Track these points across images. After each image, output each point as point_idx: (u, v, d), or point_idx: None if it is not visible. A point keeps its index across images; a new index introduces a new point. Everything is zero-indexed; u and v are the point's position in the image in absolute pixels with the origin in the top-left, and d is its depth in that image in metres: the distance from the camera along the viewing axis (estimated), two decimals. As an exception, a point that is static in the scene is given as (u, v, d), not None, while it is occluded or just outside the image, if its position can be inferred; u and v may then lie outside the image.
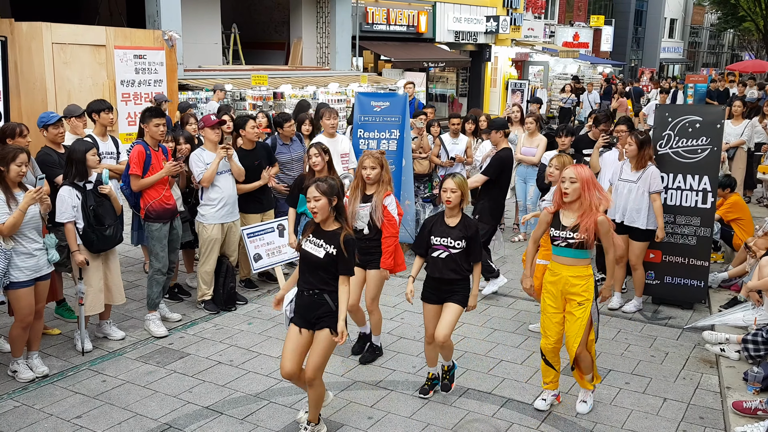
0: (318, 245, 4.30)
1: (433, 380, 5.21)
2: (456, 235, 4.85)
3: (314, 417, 4.55)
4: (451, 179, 4.88)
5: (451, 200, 4.84)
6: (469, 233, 4.86)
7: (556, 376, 5.03)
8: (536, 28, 30.42)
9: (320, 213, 4.28)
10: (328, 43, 17.54)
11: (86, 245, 5.59)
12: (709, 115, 6.84)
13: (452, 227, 4.88)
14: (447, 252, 4.86)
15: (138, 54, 10.46)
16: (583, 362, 4.91)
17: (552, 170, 5.94)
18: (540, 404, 5.05)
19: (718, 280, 7.50)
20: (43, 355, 5.62)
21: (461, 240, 4.84)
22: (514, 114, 10.19)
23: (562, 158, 5.96)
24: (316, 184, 4.29)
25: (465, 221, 4.92)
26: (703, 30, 58.03)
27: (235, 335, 6.27)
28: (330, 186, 4.29)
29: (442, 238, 4.88)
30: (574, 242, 4.68)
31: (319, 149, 6.04)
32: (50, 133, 6.12)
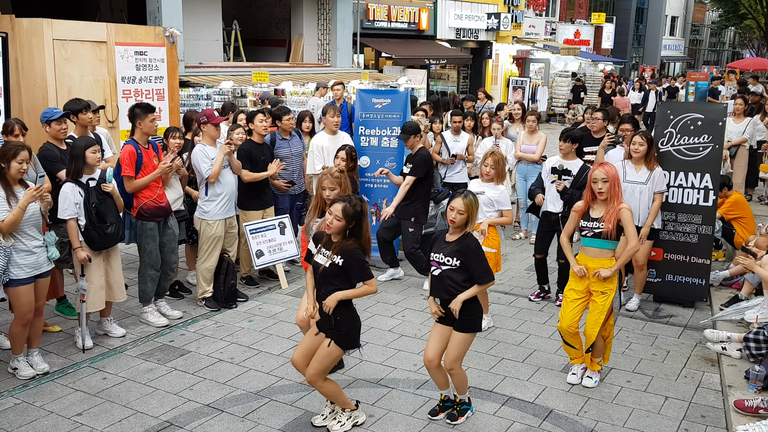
0: (325, 255, 4.41)
1: (445, 402, 4.89)
2: (449, 251, 4.55)
3: (343, 404, 4.64)
4: (461, 199, 4.56)
5: (455, 221, 4.56)
6: (465, 251, 4.53)
7: (578, 353, 5.33)
8: (537, 26, 30.38)
9: (333, 230, 4.35)
10: (329, 40, 17.52)
11: (88, 243, 5.58)
12: (711, 112, 6.82)
13: (449, 242, 4.61)
14: (439, 269, 4.59)
15: (139, 50, 10.43)
16: (597, 347, 5.29)
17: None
18: (572, 378, 5.40)
19: (719, 279, 7.49)
20: (44, 352, 5.62)
21: (453, 257, 4.52)
22: (515, 111, 10.19)
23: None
24: (344, 206, 4.31)
25: (463, 239, 4.58)
26: (704, 28, 57.95)
27: (236, 332, 6.27)
28: (355, 212, 4.32)
29: (436, 253, 4.63)
30: (600, 232, 5.08)
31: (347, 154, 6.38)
32: (53, 129, 6.10)
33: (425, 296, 7.30)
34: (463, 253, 4.52)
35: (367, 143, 8.29)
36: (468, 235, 4.60)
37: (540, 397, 5.16)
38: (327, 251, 4.42)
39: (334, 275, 4.36)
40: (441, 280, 4.58)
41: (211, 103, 11.96)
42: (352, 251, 4.34)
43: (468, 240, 4.57)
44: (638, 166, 6.61)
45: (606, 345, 5.40)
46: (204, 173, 6.50)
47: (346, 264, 4.32)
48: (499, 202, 6.19)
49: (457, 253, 4.52)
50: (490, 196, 6.17)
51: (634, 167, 6.64)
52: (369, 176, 8.22)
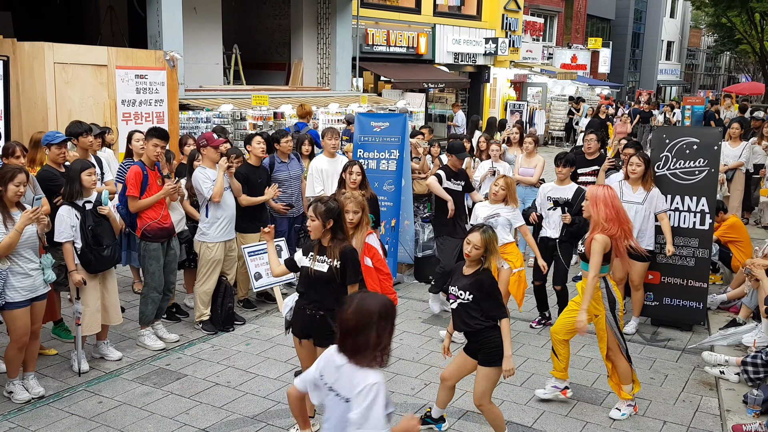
0: (323, 261, 4.46)
1: (426, 417, 4.94)
2: (463, 284, 4.55)
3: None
4: (479, 233, 4.52)
5: (470, 255, 4.53)
6: (478, 287, 4.49)
7: (559, 365, 5.35)
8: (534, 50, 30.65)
9: (314, 233, 4.48)
10: (328, 63, 17.65)
11: (84, 265, 5.58)
12: (707, 136, 6.87)
13: (464, 276, 4.60)
14: (456, 301, 4.60)
15: (139, 74, 10.52)
16: (619, 369, 5.20)
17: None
18: (539, 392, 5.40)
19: (716, 302, 7.48)
20: (40, 375, 5.59)
21: (467, 291, 4.52)
22: (513, 135, 10.24)
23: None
24: (315, 205, 4.45)
25: (478, 275, 4.53)
26: (699, 52, 58.45)
27: (233, 356, 6.24)
28: (328, 209, 4.43)
29: (453, 286, 4.64)
30: (581, 254, 5.19)
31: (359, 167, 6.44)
32: (52, 153, 6.13)
33: (423, 319, 7.30)
34: (477, 289, 4.50)
35: (366, 166, 8.31)
36: (483, 271, 4.57)
37: (538, 422, 5.13)
38: (324, 257, 4.46)
39: (331, 280, 4.42)
40: (459, 313, 4.60)
41: (210, 126, 12.01)
42: (350, 253, 4.46)
43: (482, 276, 4.53)
44: (635, 186, 6.67)
45: (630, 369, 5.21)
46: (206, 193, 6.52)
47: (343, 266, 4.41)
48: (515, 218, 6.45)
49: (471, 287, 4.52)
50: (506, 216, 6.39)
51: (632, 188, 6.69)
52: (367, 199, 8.24)
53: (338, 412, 2.90)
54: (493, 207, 6.46)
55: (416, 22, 22.10)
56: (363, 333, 2.84)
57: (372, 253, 5.15)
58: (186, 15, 13.52)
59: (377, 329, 2.85)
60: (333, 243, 4.48)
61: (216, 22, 15.67)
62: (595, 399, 5.52)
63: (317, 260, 4.50)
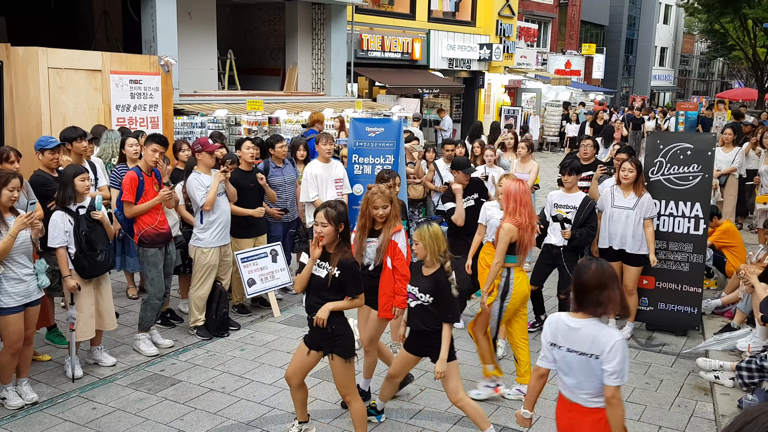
0: (322, 267, 4.42)
1: (371, 408, 5.12)
2: (424, 286, 4.57)
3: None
4: (417, 230, 4.57)
5: (417, 253, 4.57)
6: (436, 289, 4.53)
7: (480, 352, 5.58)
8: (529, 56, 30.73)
9: (326, 238, 4.37)
10: (323, 69, 17.65)
11: (78, 270, 5.56)
12: (700, 142, 6.90)
13: (424, 277, 4.60)
14: (415, 301, 4.63)
15: (134, 79, 10.50)
16: (480, 345, 5.55)
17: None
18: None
19: (711, 307, 7.50)
20: (33, 381, 5.56)
21: (427, 293, 4.55)
22: (507, 141, 10.26)
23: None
24: (325, 210, 4.35)
25: (437, 276, 4.56)
26: (693, 58, 58.78)
27: (228, 362, 6.22)
28: (338, 213, 4.36)
29: (413, 285, 4.66)
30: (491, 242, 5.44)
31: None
32: (45, 158, 6.11)
33: None
34: (436, 290, 4.54)
35: (361, 171, 8.33)
36: (441, 270, 4.58)
37: (534, 427, 5.13)
38: (325, 263, 4.42)
39: (330, 288, 4.39)
40: (417, 314, 4.63)
41: (205, 131, 11.99)
42: (351, 265, 4.39)
43: (441, 277, 4.56)
44: (627, 191, 6.68)
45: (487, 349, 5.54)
46: (199, 201, 6.51)
47: (342, 276, 4.35)
48: None
49: (430, 289, 4.55)
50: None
51: (623, 193, 6.70)
52: (362, 204, 8.24)
53: (584, 368, 3.39)
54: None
55: (411, 27, 22.15)
56: (604, 291, 3.38)
57: (395, 252, 5.04)
58: (181, 20, 13.50)
59: (614, 287, 3.40)
60: (336, 250, 4.40)
61: (211, 27, 15.66)
62: (590, 404, 5.52)
63: (319, 265, 4.46)
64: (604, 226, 6.78)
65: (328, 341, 4.45)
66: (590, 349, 3.37)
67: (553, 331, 3.53)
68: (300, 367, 4.59)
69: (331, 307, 4.36)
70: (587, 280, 3.41)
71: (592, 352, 3.36)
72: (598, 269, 3.42)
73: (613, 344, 3.32)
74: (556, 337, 3.50)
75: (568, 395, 3.50)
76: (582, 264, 3.52)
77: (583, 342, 3.40)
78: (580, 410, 3.47)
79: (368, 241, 5.12)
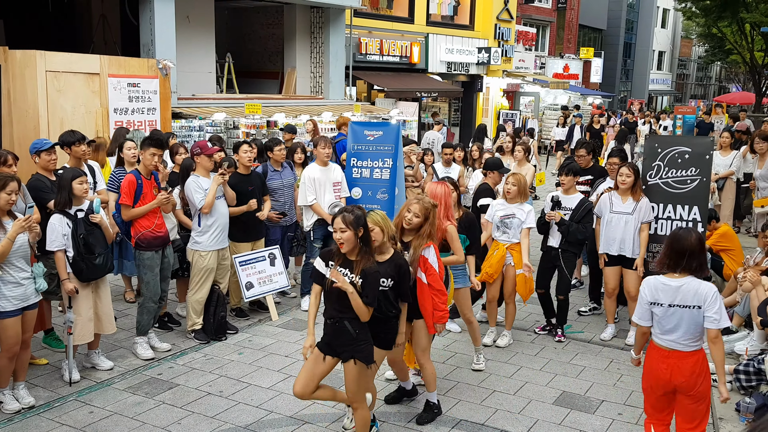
0: (346, 275, 4.31)
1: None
2: (384, 271, 4.49)
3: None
4: (369, 216, 4.48)
5: (374, 238, 4.45)
6: (398, 272, 4.53)
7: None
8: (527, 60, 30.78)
9: (347, 244, 4.28)
10: (321, 72, 17.66)
11: (76, 274, 5.55)
12: (698, 146, 6.90)
13: (380, 263, 4.50)
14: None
15: (132, 82, 10.50)
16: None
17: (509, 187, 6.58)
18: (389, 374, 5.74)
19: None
20: (30, 385, 5.54)
21: (389, 278, 4.50)
22: (506, 144, 10.27)
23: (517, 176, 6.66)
24: (342, 215, 4.26)
25: (394, 259, 4.55)
26: (690, 62, 58.88)
27: (225, 365, 6.21)
28: (356, 217, 4.26)
29: None
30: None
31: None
32: (42, 160, 6.11)
33: None
34: (396, 273, 4.55)
35: (359, 175, 8.32)
36: (397, 255, 4.60)
37: (532, 431, 5.12)
38: (346, 270, 4.31)
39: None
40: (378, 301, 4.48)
41: (203, 134, 11.99)
42: (373, 274, 4.30)
43: (400, 260, 4.61)
44: (624, 196, 6.69)
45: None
46: (197, 204, 6.50)
47: (364, 284, 4.27)
48: (527, 221, 6.50)
49: (391, 273, 4.53)
50: (520, 217, 6.48)
51: (621, 198, 6.70)
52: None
53: (687, 318, 4.07)
54: (510, 207, 6.53)
55: (409, 31, 22.18)
56: (703, 253, 4.16)
57: (426, 267, 4.89)
58: (179, 23, 13.52)
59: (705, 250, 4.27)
60: (360, 257, 4.30)
61: (209, 30, 15.67)
62: (588, 407, 5.52)
63: (339, 271, 4.33)
64: (603, 232, 6.78)
65: (350, 346, 4.36)
66: (692, 301, 4.05)
67: (653, 292, 4.16)
68: (313, 376, 4.44)
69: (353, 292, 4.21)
70: (691, 244, 4.08)
71: (695, 303, 4.05)
72: (698, 236, 4.15)
73: (713, 294, 4.03)
74: (658, 296, 4.14)
75: (666, 345, 4.15)
76: (680, 233, 4.18)
77: (686, 296, 4.06)
78: (678, 355, 4.11)
79: None
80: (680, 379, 4.10)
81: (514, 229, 6.53)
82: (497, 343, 6.72)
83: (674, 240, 4.16)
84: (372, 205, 7.81)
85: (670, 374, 4.11)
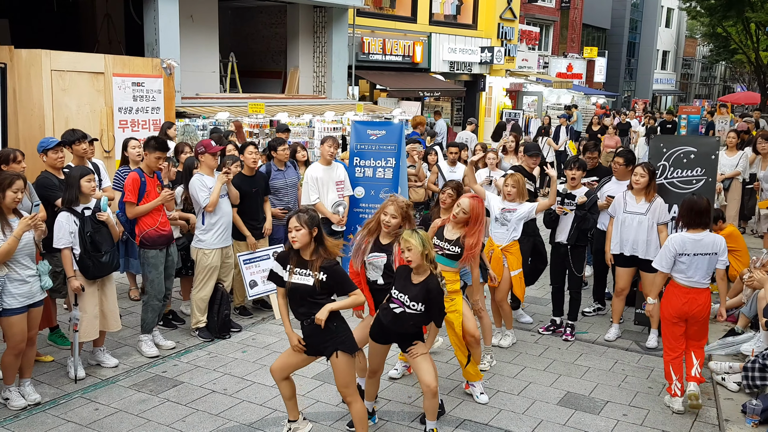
0: (305, 274, 4.40)
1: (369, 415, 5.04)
2: (414, 294, 4.52)
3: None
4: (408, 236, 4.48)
5: (410, 259, 4.48)
6: (429, 297, 4.53)
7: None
8: (530, 59, 30.76)
9: (299, 242, 4.38)
10: (324, 72, 17.68)
11: (82, 271, 5.56)
12: (704, 146, 6.89)
13: (413, 284, 4.54)
14: (402, 308, 4.57)
15: (136, 81, 10.52)
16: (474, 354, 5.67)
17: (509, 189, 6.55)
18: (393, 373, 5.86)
19: (714, 312, 7.47)
20: (36, 382, 5.56)
21: (418, 302, 4.52)
22: (509, 143, 10.26)
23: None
24: (297, 215, 4.41)
25: (428, 284, 4.52)
26: (695, 62, 58.80)
27: (229, 363, 6.22)
28: (311, 218, 4.39)
29: (400, 293, 4.57)
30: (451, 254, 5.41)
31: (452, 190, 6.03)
32: (49, 158, 6.12)
33: None
34: (427, 297, 4.53)
35: (362, 174, 8.34)
36: (432, 277, 4.57)
37: (536, 431, 5.12)
38: (305, 270, 4.41)
39: (319, 293, 4.38)
40: (401, 319, 4.60)
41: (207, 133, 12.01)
42: (335, 267, 4.40)
43: (433, 284, 4.54)
44: (638, 197, 6.63)
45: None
46: (201, 202, 6.51)
47: (330, 280, 4.36)
48: (529, 216, 6.56)
49: (422, 298, 4.53)
50: (522, 210, 6.50)
51: (635, 198, 6.65)
52: (363, 206, 8.24)
53: (707, 262, 5.35)
54: (509, 204, 6.56)
55: (412, 30, 22.18)
56: (711, 211, 5.46)
57: None
58: (183, 23, 13.54)
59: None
60: (314, 256, 4.40)
61: (212, 30, 15.69)
62: (592, 408, 5.52)
63: (295, 272, 4.43)
64: (616, 232, 6.73)
65: (331, 340, 4.43)
66: (712, 249, 5.36)
67: (682, 245, 5.34)
68: (287, 365, 4.59)
69: (331, 307, 4.36)
70: (704, 206, 5.36)
71: (713, 251, 5.36)
72: (706, 198, 5.47)
73: (723, 243, 5.41)
74: (685, 248, 5.34)
75: (687, 283, 5.38)
76: (693, 198, 5.47)
77: (706, 246, 5.35)
78: (696, 291, 5.37)
79: (374, 256, 5.02)
80: (696, 308, 5.37)
81: (512, 224, 6.47)
82: (500, 343, 6.71)
83: (692, 204, 5.40)
84: (374, 204, 7.83)
85: (689, 306, 5.36)
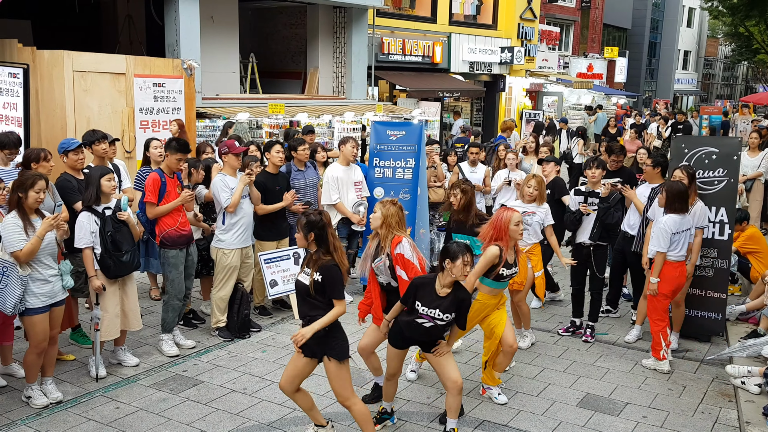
0: (307, 274, 4.49)
1: (383, 414, 5.12)
2: (445, 307, 4.58)
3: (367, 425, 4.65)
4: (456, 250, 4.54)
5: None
6: (460, 306, 4.64)
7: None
8: (550, 59, 30.57)
9: (298, 242, 4.55)
10: (344, 72, 17.70)
11: (103, 271, 5.62)
12: (726, 146, 6.81)
13: (443, 297, 4.58)
14: (432, 323, 4.60)
15: (157, 82, 10.61)
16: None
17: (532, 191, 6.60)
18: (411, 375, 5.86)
19: (735, 313, 7.40)
20: (57, 381, 5.63)
21: (450, 313, 4.60)
22: (528, 144, 10.22)
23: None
24: (299, 218, 4.56)
25: (456, 294, 4.61)
26: (716, 62, 58.11)
27: (249, 363, 6.25)
28: (308, 223, 4.46)
29: (429, 308, 4.57)
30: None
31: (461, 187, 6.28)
32: (70, 159, 6.19)
33: None
34: (457, 307, 4.63)
35: (382, 174, 8.34)
36: (459, 287, 4.64)
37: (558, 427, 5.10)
38: (309, 269, 4.50)
39: (314, 293, 4.43)
40: (433, 333, 4.69)
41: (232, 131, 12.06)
42: (331, 268, 4.44)
43: (464, 294, 4.68)
44: None
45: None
46: (223, 203, 6.55)
47: (324, 280, 4.41)
48: (547, 219, 6.57)
49: (453, 308, 4.62)
50: (540, 215, 6.51)
51: None
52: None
53: (688, 237, 6.14)
54: (528, 207, 6.54)
55: (432, 31, 22.13)
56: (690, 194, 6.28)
57: (404, 263, 4.95)
58: (203, 24, 13.62)
59: None
60: (316, 256, 4.47)
61: (233, 31, 15.77)
62: (612, 409, 5.48)
63: (303, 271, 4.55)
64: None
65: (322, 345, 4.46)
66: (690, 225, 6.16)
67: (677, 225, 5.99)
68: (293, 376, 4.58)
69: (316, 327, 4.39)
70: (685, 188, 6.10)
71: (691, 226, 6.15)
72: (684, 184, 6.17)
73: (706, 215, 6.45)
74: (679, 226, 6.01)
75: (677, 259, 6.07)
76: (673, 184, 6.11)
77: (687, 223, 6.11)
78: (682, 264, 6.15)
79: (377, 261, 5.11)
80: (683, 279, 6.19)
81: (533, 228, 6.50)
82: (519, 345, 6.67)
83: (676, 189, 6.05)
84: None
85: (681, 278, 6.12)
